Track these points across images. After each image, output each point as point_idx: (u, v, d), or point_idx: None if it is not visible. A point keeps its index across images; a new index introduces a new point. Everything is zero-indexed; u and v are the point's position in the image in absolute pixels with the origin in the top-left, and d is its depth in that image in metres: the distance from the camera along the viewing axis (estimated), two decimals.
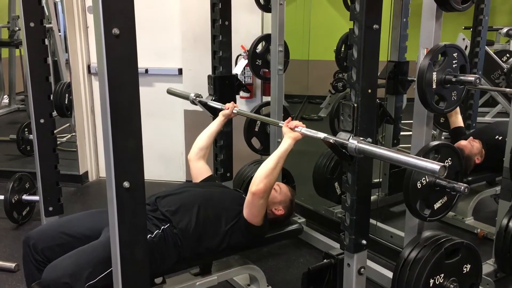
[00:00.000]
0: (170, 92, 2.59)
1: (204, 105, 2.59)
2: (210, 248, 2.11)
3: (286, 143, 2.07)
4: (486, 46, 4.09)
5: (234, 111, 2.54)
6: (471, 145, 3.10)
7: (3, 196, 3.29)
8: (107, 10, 1.29)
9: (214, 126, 2.57)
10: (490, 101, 5.96)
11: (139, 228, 1.48)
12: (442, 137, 4.27)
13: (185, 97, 2.53)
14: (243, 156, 3.18)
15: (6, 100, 6.81)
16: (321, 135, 1.92)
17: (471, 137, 3.18)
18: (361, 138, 1.75)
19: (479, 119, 4.37)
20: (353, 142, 1.74)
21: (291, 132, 2.08)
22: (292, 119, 2.14)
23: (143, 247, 1.50)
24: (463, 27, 4.88)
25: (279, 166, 2.07)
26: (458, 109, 3.40)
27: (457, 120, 3.41)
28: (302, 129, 2.06)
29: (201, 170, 2.49)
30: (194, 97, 2.50)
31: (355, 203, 1.85)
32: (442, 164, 1.47)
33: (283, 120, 2.22)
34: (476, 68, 3.82)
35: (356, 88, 1.77)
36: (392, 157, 1.63)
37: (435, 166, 1.48)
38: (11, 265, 2.82)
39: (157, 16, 3.98)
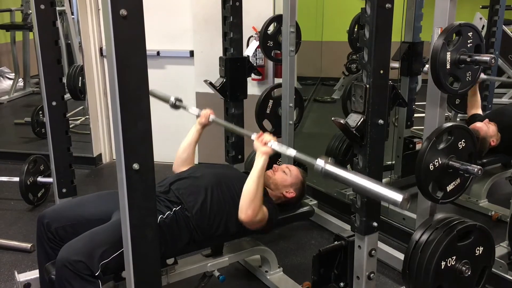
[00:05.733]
0: (152, 93, 2.42)
1: (184, 109, 2.45)
2: (223, 232, 2.12)
3: (260, 160, 2.04)
4: (503, 26, 4.00)
5: (210, 119, 2.38)
6: (487, 127, 3.04)
7: (19, 178, 3.35)
8: None
9: (192, 136, 2.43)
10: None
11: (149, 209, 1.48)
12: (458, 119, 4.21)
13: (165, 99, 2.41)
14: None
15: (21, 83, 6.88)
16: (292, 151, 1.87)
17: (486, 119, 3.12)
18: (330, 159, 1.67)
19: (495, 100, 4.30)
20: (320, 164, 1.65)
21: (263, 147, 2.03)
22: (264, 132, 2.09)
23: (153, 228, 1.51)
24: (481, 6, 4.77)
25: (260, 185, 2.04)
26: (479, 103, 3.33)
27: (476, 113, 3.33)
28: (273, 144, 2.02)
29: None
30: (174, 101, 2.38)
31: None
32: (406, 195, 1.39)
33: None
34: (493, 48, 3.74)
35: (367, 69, 1.74)
36: (354, 182, 1.53)
37: (398, 196, 1.39)
38: (27, 245, 2.87)
39: None
